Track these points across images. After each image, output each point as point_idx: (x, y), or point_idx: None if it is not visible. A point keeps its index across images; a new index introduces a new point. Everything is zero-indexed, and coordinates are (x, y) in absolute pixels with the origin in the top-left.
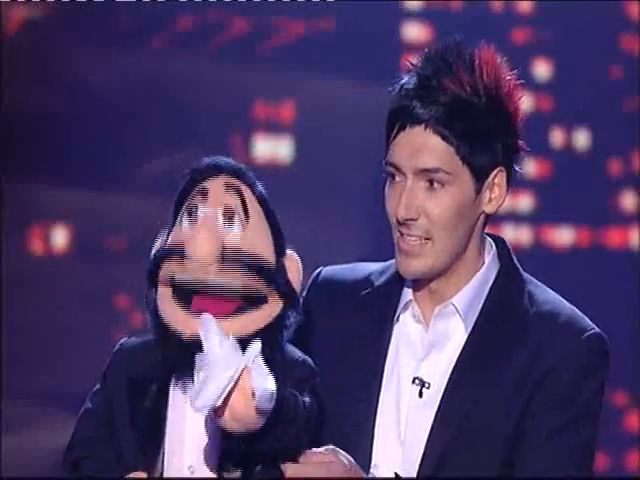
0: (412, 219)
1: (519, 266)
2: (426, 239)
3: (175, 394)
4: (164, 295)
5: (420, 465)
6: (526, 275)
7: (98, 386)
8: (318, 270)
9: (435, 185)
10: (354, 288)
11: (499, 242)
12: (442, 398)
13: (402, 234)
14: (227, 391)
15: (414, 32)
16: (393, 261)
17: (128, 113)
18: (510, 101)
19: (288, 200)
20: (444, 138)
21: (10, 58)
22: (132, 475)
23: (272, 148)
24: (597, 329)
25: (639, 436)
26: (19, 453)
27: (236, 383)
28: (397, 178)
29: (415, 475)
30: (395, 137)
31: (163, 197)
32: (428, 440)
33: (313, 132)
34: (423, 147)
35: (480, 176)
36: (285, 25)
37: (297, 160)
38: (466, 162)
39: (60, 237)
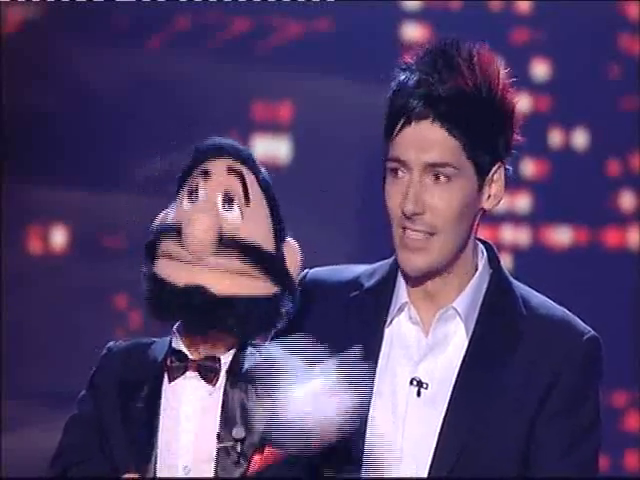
0: (418, 213)
1: (507, 271)
2: (430, 234)
3: (167, 394)
4: (162, 262)
5: (431, 466)
6: (514, 280)
7: (84, 392)
8: (304, 272)
9: (441, 179)
10: (342, 290)
11: (488, 247)
12: (450, 402)
13: (405, 229)
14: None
15: (413, 32)
16: (383, 263)
17: (127, 113)
18: (508, 97)
19: (286, 200)
20: (450, 132)
21: (10, 58)
22: (125, 476)
23: (270, 148)
24: (592, 331)
25: (639, 436)
26: (19, 453)
27: None
28: (401, 173)
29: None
30: (399, 133)
31: (162, 197)
32: (438, 442)
33: (311, 132)
34: (430, 142)
35: (482, 172)
36: (284, 25)
37: (295, 160)
38: (470, 157)
39: (59, 237)
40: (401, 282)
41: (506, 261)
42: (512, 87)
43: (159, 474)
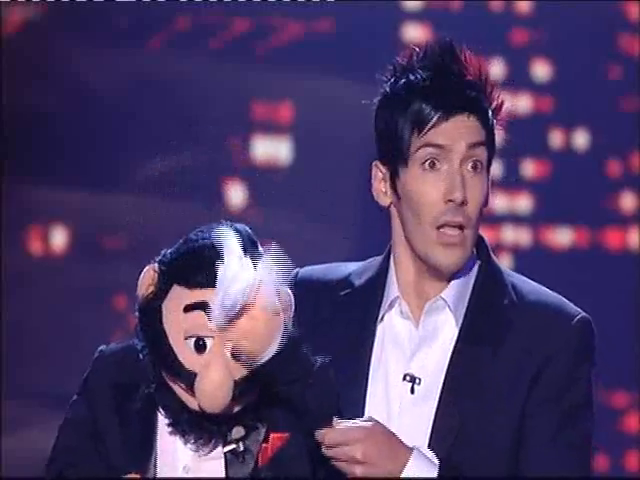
0: (465, 203)
1: (497, 260)
2: (460, 228)
3: None
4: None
5: None
6: (505, 268)
7: (77, 395)
8: (295, 271)
9: (478, 169)
10: (333, 289)
11: (477, 239)
12: (441, 395)
13: (440, 228)
14: (242, 300)
15: (413, 32)
16: (372, 260)
17: (127, 113)
18: (497, 94)
19: (287, 200)
20: (480, 122)
21: (10, 58)
22: (126, 476)
23: (270, 148)
24: (584, 313)
25: (639, 437)
26: (19, 453)
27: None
28: (438, 164)
29: None
30: (434, 125)
31: (162, 197)
32: (431, 435)
33: (312, 132)
34: (469, 128)
35: (488, 168)
36: (284, 25)
37: (296, 160)
38: (488, 150)
39: (59, 237)
40: (392, 278)
41: (506, 261)
42: (499, 86)
43: (159, 474)
